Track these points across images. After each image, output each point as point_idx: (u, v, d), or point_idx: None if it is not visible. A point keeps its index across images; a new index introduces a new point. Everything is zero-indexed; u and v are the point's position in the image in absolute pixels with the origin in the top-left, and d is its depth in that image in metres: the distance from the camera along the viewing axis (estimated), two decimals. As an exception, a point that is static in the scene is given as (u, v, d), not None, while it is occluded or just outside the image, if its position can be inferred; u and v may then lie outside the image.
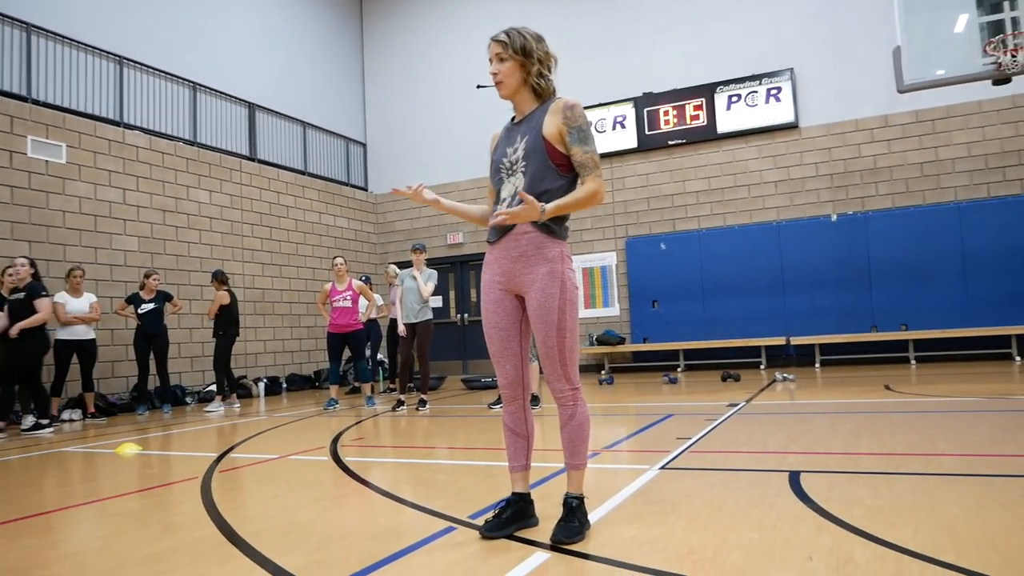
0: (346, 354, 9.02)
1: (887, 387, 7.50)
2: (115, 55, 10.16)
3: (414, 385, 8.38)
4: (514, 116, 2.73)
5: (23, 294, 7.15)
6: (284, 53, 13.58)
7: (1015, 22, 7.64)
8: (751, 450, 4.28)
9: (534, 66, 2.60)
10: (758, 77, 11.92)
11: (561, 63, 2.74)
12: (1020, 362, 9.79)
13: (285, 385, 12.01)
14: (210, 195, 11.23)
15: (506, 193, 2.66)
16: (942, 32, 8.26)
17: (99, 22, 10.11)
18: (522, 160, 2.60)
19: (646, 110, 12.69)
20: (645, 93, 12.71)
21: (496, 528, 2.59)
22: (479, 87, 3.49)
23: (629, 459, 4.39)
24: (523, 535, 2.60)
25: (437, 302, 13.75)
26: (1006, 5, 7.71)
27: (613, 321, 12.75)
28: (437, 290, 8.22)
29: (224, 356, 9.24)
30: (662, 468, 3.75)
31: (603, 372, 12.03)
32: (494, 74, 2.62)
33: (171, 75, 11.03)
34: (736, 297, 11.74)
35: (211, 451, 5.43)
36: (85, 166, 9.42)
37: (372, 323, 10.39)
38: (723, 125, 12.15)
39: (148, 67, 10.65)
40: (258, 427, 6.92)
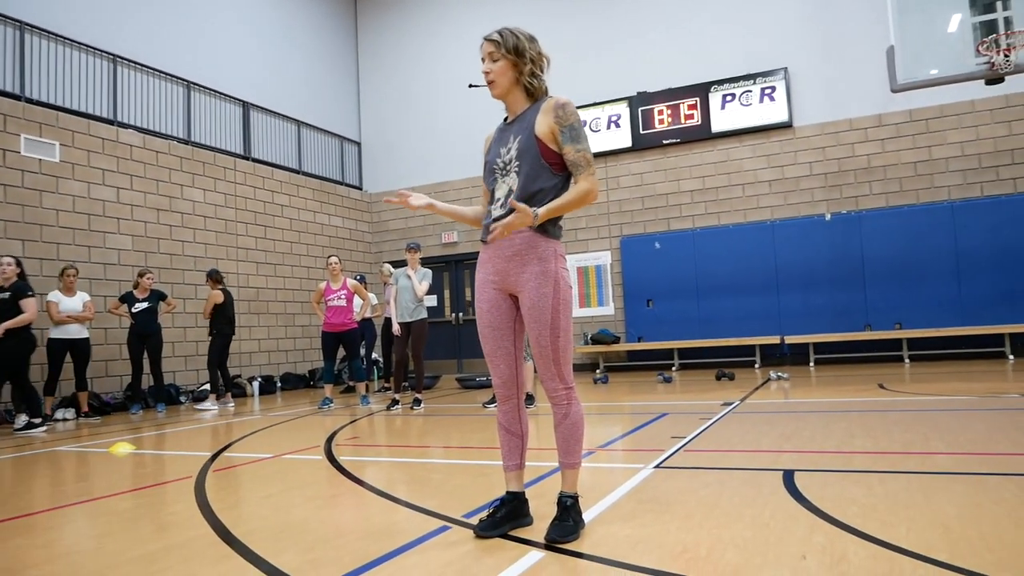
0: (341, 353, 9.01)
1: (881, 386, 7.52)
2: (109, 53, 10.12)
3: (408, 384, 8.38)
4: (507, 116, 2.73)
5: (8, 294, 7.11)
6: (278, 51, 13.55)
7: (1008, 22, 7.66)
8: (745, 449, 4.29)
9: (526, 66, 2.60)
10: (752, 76, 11.94)
11: (556, 62, 2.75)
12: (1013, 361, 9.82)
13: (280, 384, 11.99)
14: (204, 194, 11.21)
15: (500, 193, 2.65)
16: (935, 32, 8.28)
17: (93, 20, 10.07)
18: (515, 160, 2.60)
19: (640, 109, 12.70)
20: (639, 92, 12.72)
21: (490, 527, 2.59)
22: (471, 86, 3.47)
23: (623, 458, 4.39)
24: (517, 534, 2.60)
25: (432, 301, 13.77)
26: (999, 5, 7.73)
27: (608, 320, 12.77)
28: (432, 289, 8.23)
29: (219, 355, 9.22)
30: (656, 467, 3.76)
31: (598, 371, 12.04)
32: (486, 73, 2.62)
33: (165, 73, 11.00)
34: (730, 296, 11.76)
35: (205, 450, 5.42)
36: (79, 165, 9.38)
37: (367, 322, 10.39)
38: (717, 124, 12.16)
39: (142, 65, 10.61)
40: (252, 426, 6.91)
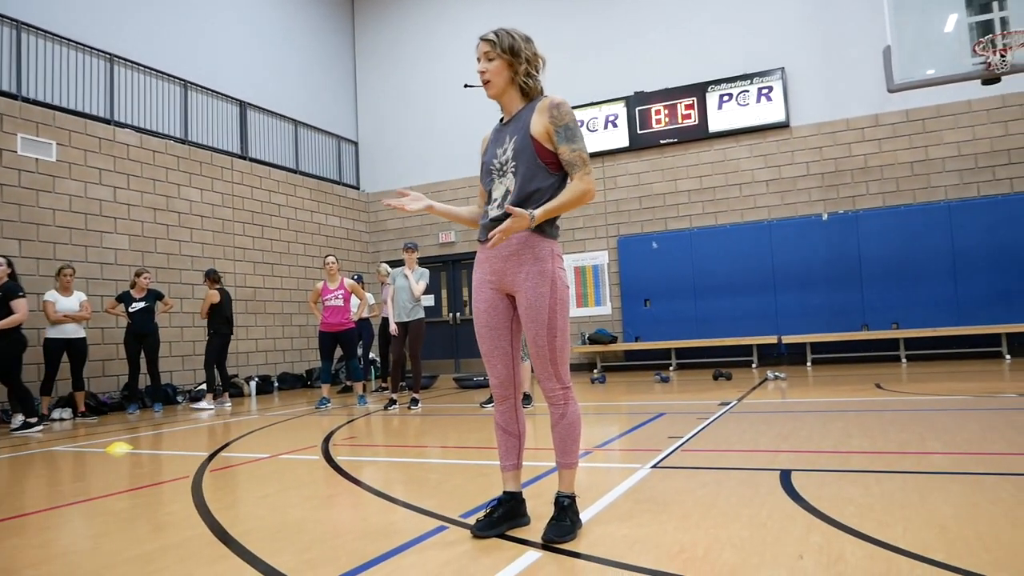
0: (338, 353, 9.01)
1: (878, 386, 7.53)
2: (106, 53, 10.10)
3: (406, 384, 8.37)
4: (503, 117, 2.73)
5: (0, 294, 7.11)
6: (276, 51, 13.53)
7: (1004, 22, 7.68)
8: (742, 449, 4.29)
9: (522, 66, 2.59)
10: (749, 76, 11.95)
11: (554, 62, 2.75)
12: (1010, 360, 9.84)
13: (277, 384, 11.98)
14: (201, 193, 11.19)
15: (497, 194, 2.65)
16: (932, 32, 8.29)
17: (90, 20, 10.05)
18: (512, 160, 2.60)
19: (638, 109, 12.70)
20: (637, 92, 12.73)
21: (488, 527, 2.59)
22: (466, 86, 3.46)
23: (621, 458, 4.39)
24: (515, 534, 2.60)
25: (429, 301, 13.76)
26: (995, 5, 7.75)
27: (605, 320, 12.77)
28: (429, 289, 8.23)
29: (216, 355, 9.20)
30: (654, 467, 3.76)
31: (595, 371, 12.05)
32: (482, 73, 2.61)
33: (162, 73, 10.98)
34: (727, 296, 11.78)
35: (202, 450, 5.41)
36: (75, 164, 9.36)
37: (364, 322, 10.38)
38: (714, 124, 12.17)
39: (139, 65, 10.59)
40: (249, 426, 6.90)
